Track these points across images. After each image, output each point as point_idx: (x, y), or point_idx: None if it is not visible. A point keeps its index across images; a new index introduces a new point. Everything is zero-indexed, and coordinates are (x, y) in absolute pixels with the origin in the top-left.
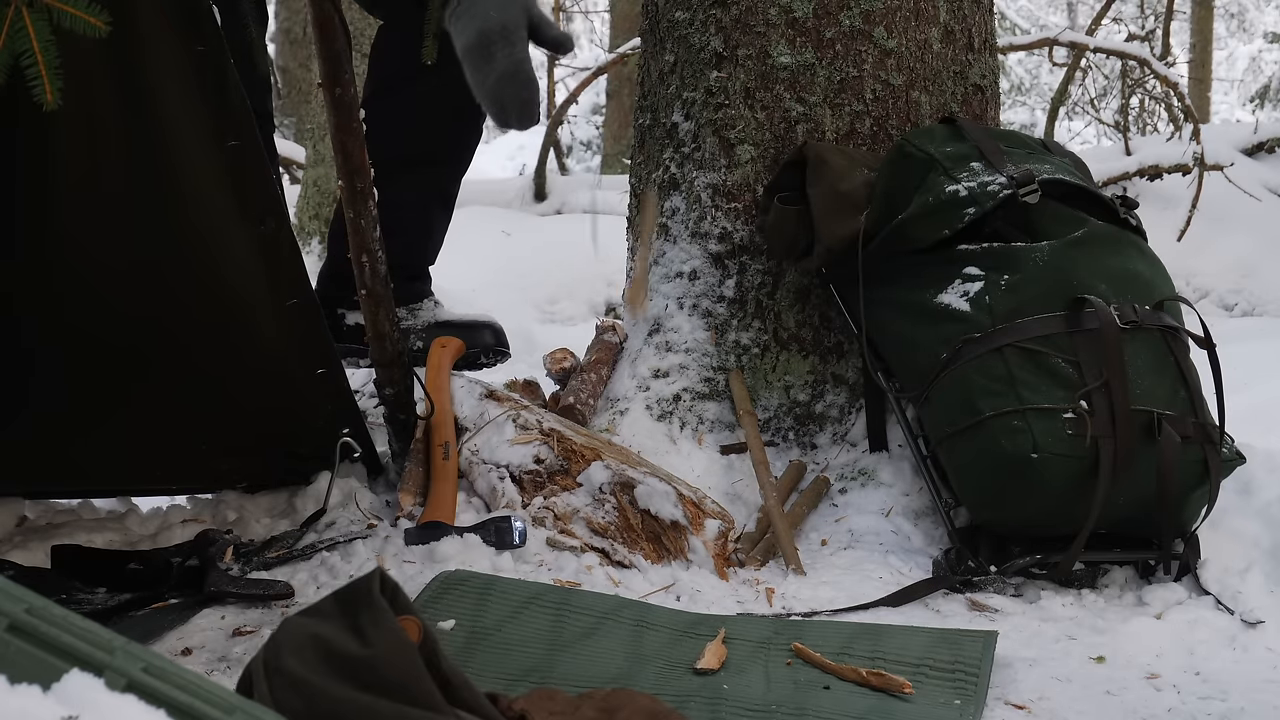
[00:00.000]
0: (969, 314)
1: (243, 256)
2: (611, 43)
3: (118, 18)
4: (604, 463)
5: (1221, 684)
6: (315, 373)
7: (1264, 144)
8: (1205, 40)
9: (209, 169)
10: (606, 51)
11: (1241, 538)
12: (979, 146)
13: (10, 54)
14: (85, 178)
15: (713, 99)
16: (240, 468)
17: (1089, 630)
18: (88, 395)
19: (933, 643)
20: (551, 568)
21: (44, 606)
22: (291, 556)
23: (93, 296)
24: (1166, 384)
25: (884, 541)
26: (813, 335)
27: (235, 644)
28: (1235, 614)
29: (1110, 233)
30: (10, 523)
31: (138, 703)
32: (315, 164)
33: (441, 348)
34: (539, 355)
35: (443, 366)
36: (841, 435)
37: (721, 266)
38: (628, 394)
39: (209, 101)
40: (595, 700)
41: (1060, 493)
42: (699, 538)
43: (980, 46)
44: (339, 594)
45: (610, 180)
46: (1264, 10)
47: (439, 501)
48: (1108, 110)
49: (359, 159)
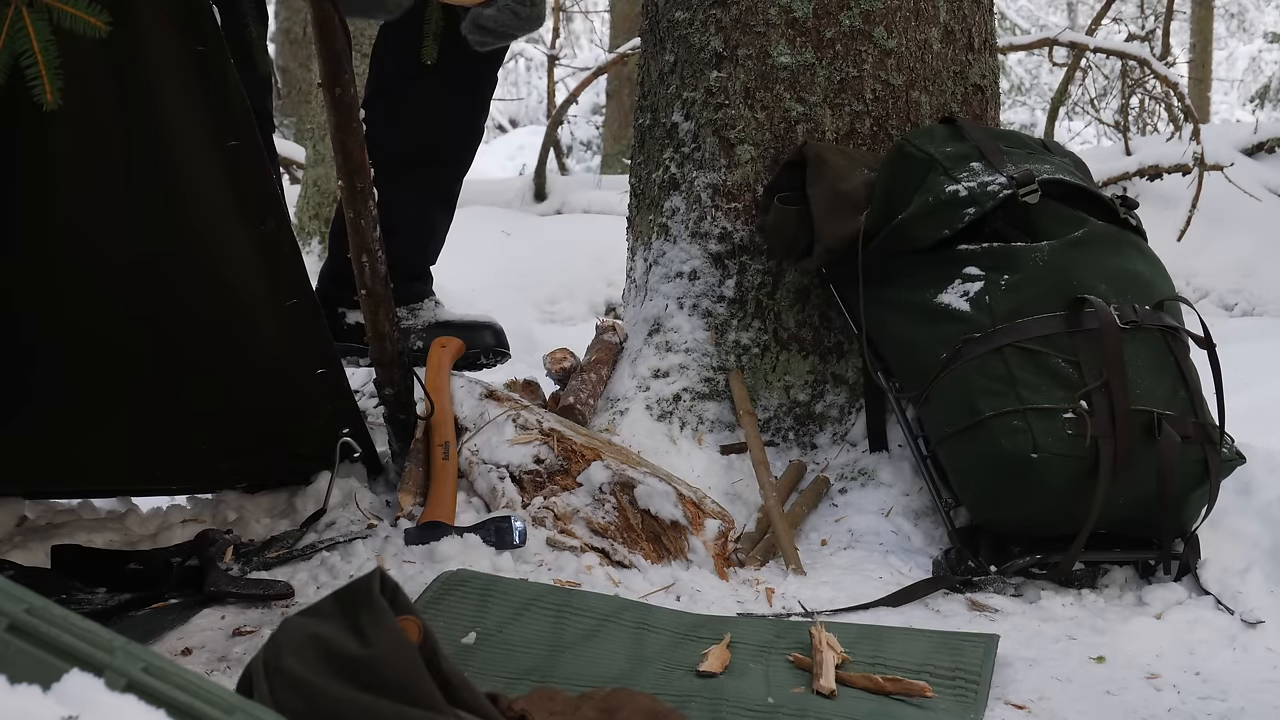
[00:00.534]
0: (969, 314)
1: (243, 256)
2: (611, 43)
3: (118, 17)
4: (604, 463)
5: (1221, 684)
6: (315, 373)
7: (1264, 144)
8: (1205, 40)
9: (209, 169)
10: (606, 51)
11: (1241, 538)
12: (979, 146)
13: (10, 54)
14: (85, 177)
15: (713, 99)
16: (240, 468)
17: (1089, 630)
18: (88, 394)
19: (933, 648)
20: (551, 568)
21: (44, 606)
22: (291, 556)
23: (92, 296)
24: (1166, 384)
25: (884, 541)
26: (813, 335)
27: (235, 644)
28: (1235, 614)
29: (1110, 233)
30: (10, 523)
31: (138, 703)
32: (315, 164)
33: (441, 348)
34: (539, 355)
35: (443, 366)
36: (841, 435)
37: (721, 266)
38: (628, 394)
39: (209, 101)
40: (595, 700)
41: (1060, 493)
42: (699, 538)
43: (980, 46)
44: (339, 594)
45: (610, 180)
46: (1264, 10)
47: (439, 501)
48: (1108, 110)
49: (359, 159)
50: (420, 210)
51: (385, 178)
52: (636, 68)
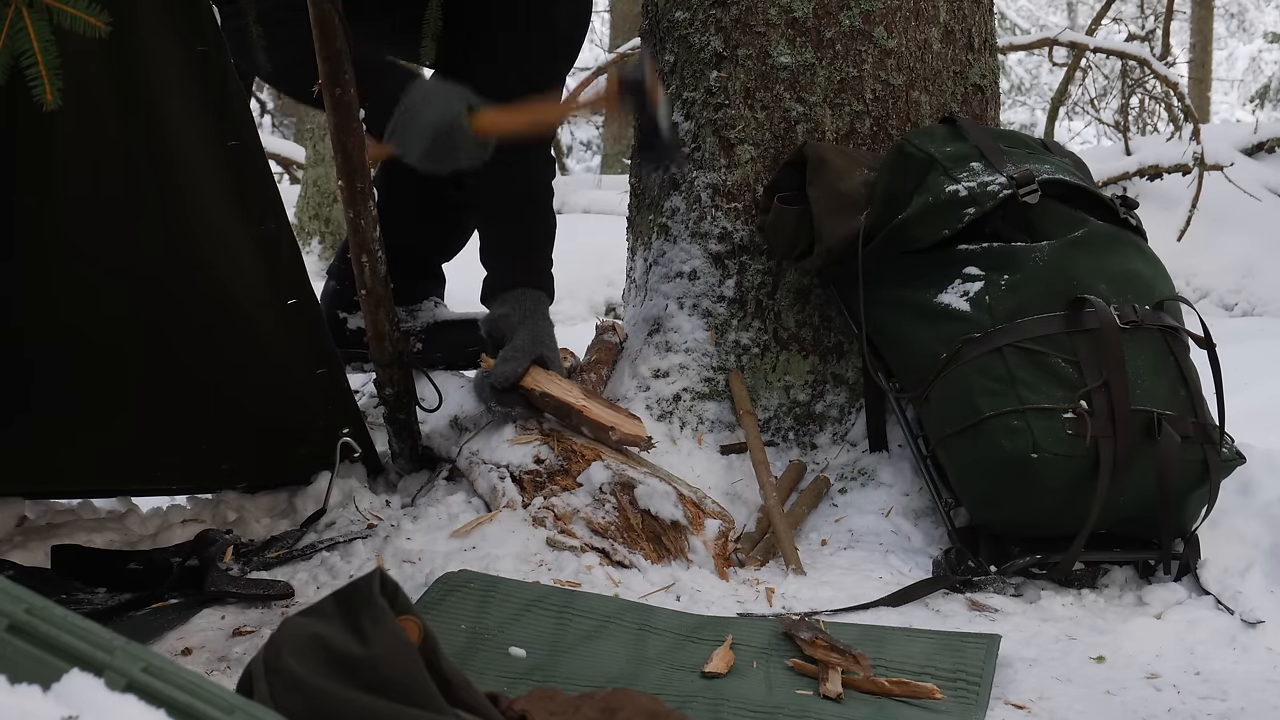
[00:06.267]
0: (969, 314)
1: (243, 256)
2: (611, 43)
3: (118, 18)
4: (604, 463)
5: (1221, 684)
6: (315, 373)
7: (1264, 144)
8: (1205, 40)
9: (209, 169)
10: (606, 51)
11: (1241, 538)
12: (979, 146)
13: (10, 54)
14: (85, 178)
15: (713, 99)
16: (240, 468)
17: (1089, 630)
18: (87, 395)
19: (935, 649)
20: (551, 568)
21: (44, 606)
22: (291, 556)
23: (92, 296)
24: (1166, 384)
25: (884, 541)
26: (813, 335)
27: (235, 644)
28: (1235, 614)
29: (1110, 233)
30: (10, 523)
31: (138, 703)
32: (315, 164)
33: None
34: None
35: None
36: (841, 435)
37: (721, 266)
38: (628, 394)
39: (209, 101)
40: (596, 700)
41: (1060, 493)
42: (699, 538)
43: (980, 46)
44: (339, 594)
45: (610, 180)
46: (1264, 10)
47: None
48: (1108, 110)
49: (359, 159)
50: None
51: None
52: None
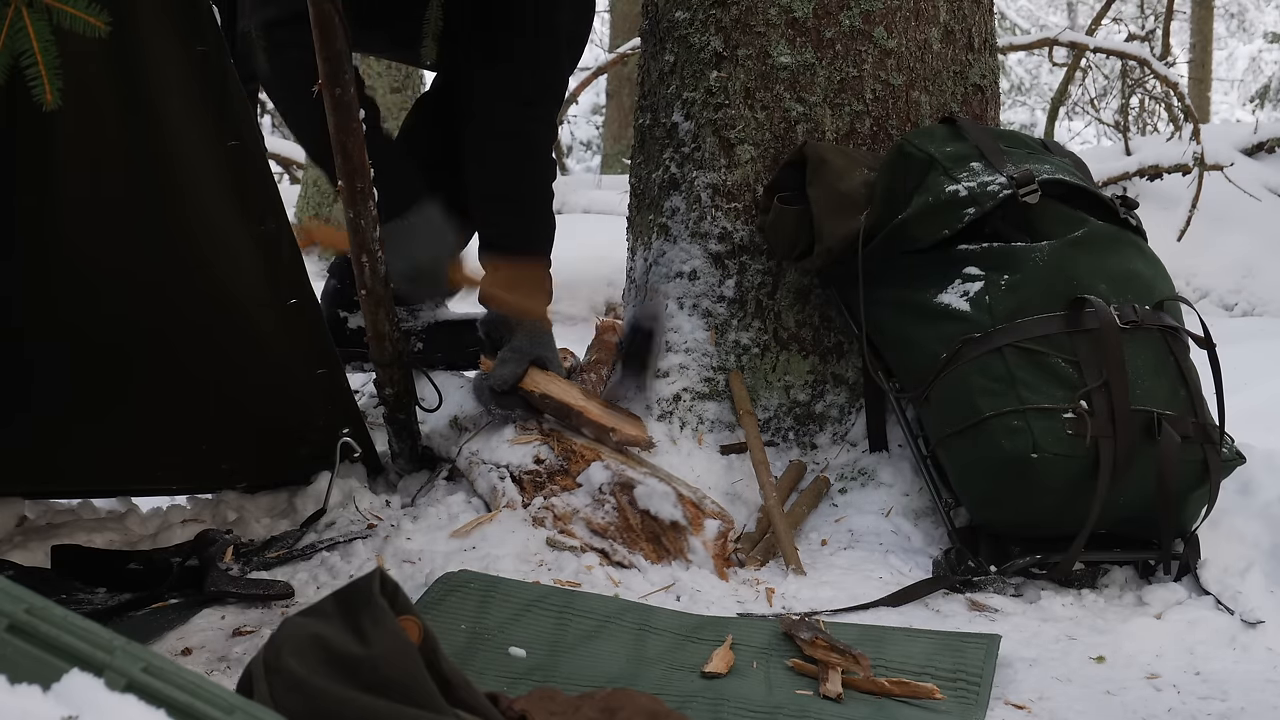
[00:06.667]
0: (969, 314)
1: (243, 256)
2: (611, 43)
3: (118, 18)
4: (604, 463)
5: (1221, 684)
6: (315, 373)
7: (1264, 144)
8: (1205, 40)
9: (209, 169)
10: (606, 51)
11: (1241, 538)
12: (979, 146)
13: (10, 54)
14: (85, 178)
15: (713, 99)
16: (240, 468)
17: (1089, 630)
18: (87, 395)
19: (935, 649)
20: (551, 568)
21: (44, 606)
22: (291, 556)
23: (92, 296)
24: (1166, 384)
25: (884, 541)
26: (813, 335)
27: (235, 644)
28: (1235, 614)
29: (1110, 233)
30: (10, 523)
31: (138, 703)
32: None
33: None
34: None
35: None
36: (841, 435)
37: (721, 266)
38: (628, 394)
39: (209, 102)
40: (595, 700)
41: (1060, 493)
42: (699, 538)
43: (980, 46)
44: (339, 594)
45: (610, 180)
46: (1264, 10)
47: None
48: (1108, 110)
49: (359, 159)
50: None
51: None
52: (636, 68)
